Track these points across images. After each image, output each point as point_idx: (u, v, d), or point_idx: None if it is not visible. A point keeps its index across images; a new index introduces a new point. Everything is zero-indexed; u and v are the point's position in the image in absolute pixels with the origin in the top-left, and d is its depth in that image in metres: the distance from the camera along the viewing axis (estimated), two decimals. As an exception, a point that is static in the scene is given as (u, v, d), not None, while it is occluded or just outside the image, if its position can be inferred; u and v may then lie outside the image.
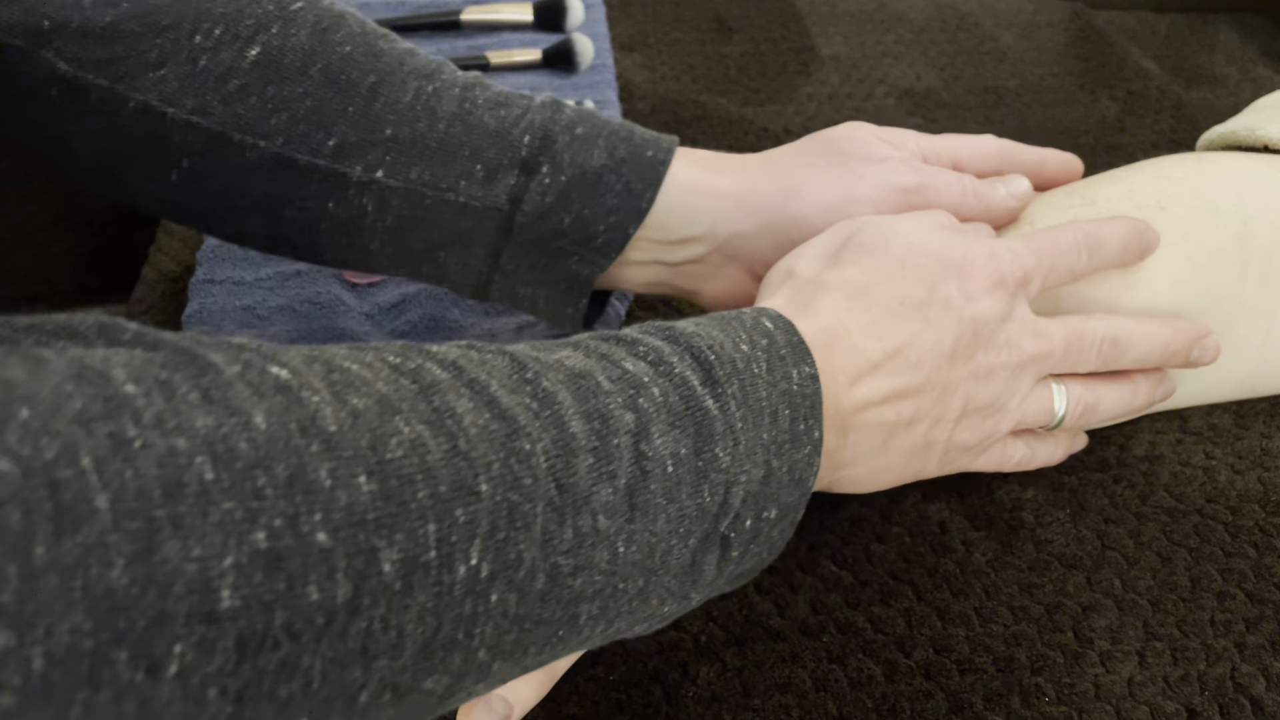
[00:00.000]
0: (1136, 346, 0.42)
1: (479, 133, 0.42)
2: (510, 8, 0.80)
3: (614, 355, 0.32)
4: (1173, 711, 0.38)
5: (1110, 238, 0.42)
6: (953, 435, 0.40)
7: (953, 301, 0.38)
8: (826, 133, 0.46)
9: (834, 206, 0.43)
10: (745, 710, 0.38)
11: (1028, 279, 0.40)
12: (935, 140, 0.46)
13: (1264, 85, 0.79)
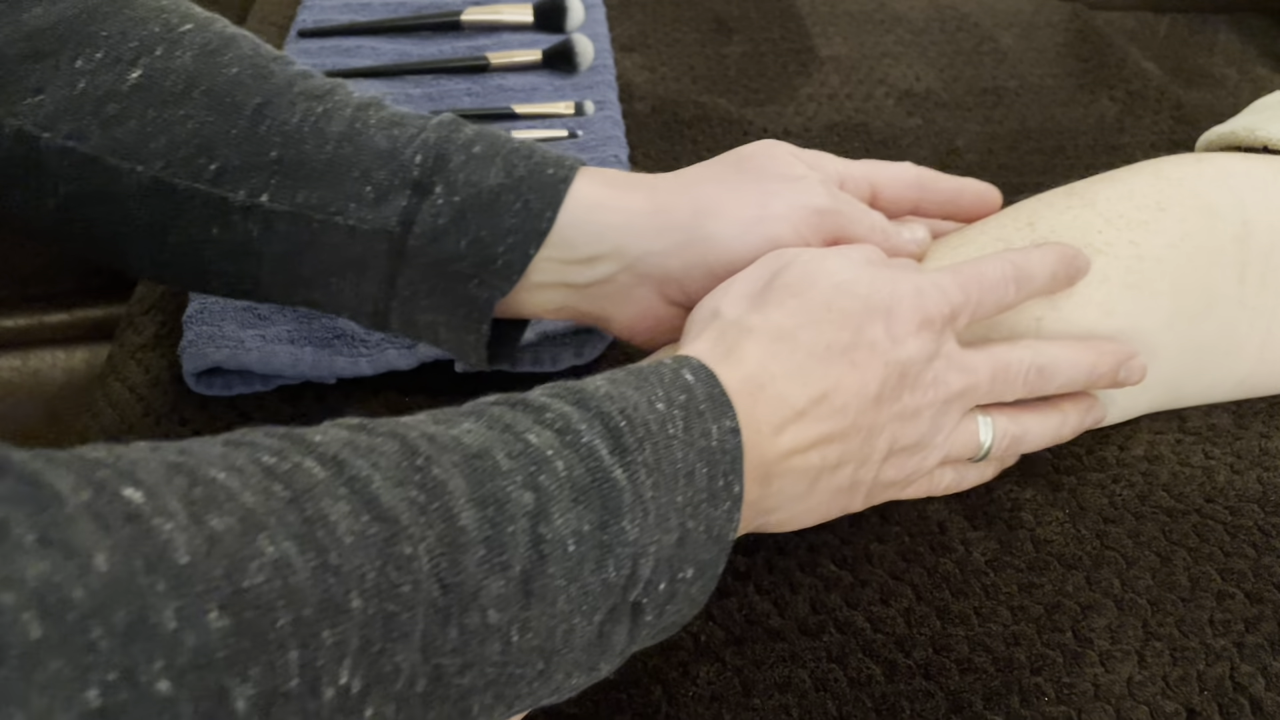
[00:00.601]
0: (1062, 372, 0.42)
1: (369, 153, 0.40)
2: (510, 8, 0.80)
3: (518, 426, 0.30)
4: (1172, 711, 0.38)
5: (1038, 268, 0.42)
6: (879, 474, 0.40)
7: (879, 345, 0.38)
8: (742, 150, 0.45)
9: (748, 225, 0.42)
10: (745, 710, 0.38)
11: (954, 315, 0.40)
12: (853, 165, 0.46)
13: (1263, 86, 0.79)
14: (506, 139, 0.42)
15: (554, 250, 0.41)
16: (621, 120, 0.70)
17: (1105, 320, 0.43)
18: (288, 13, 0.85)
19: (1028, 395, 0.42)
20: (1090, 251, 0.44)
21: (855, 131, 0.72)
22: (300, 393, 0.51)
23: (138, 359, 0.53)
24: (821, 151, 0.45)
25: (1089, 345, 0.43)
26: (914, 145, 0.71)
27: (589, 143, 0.67)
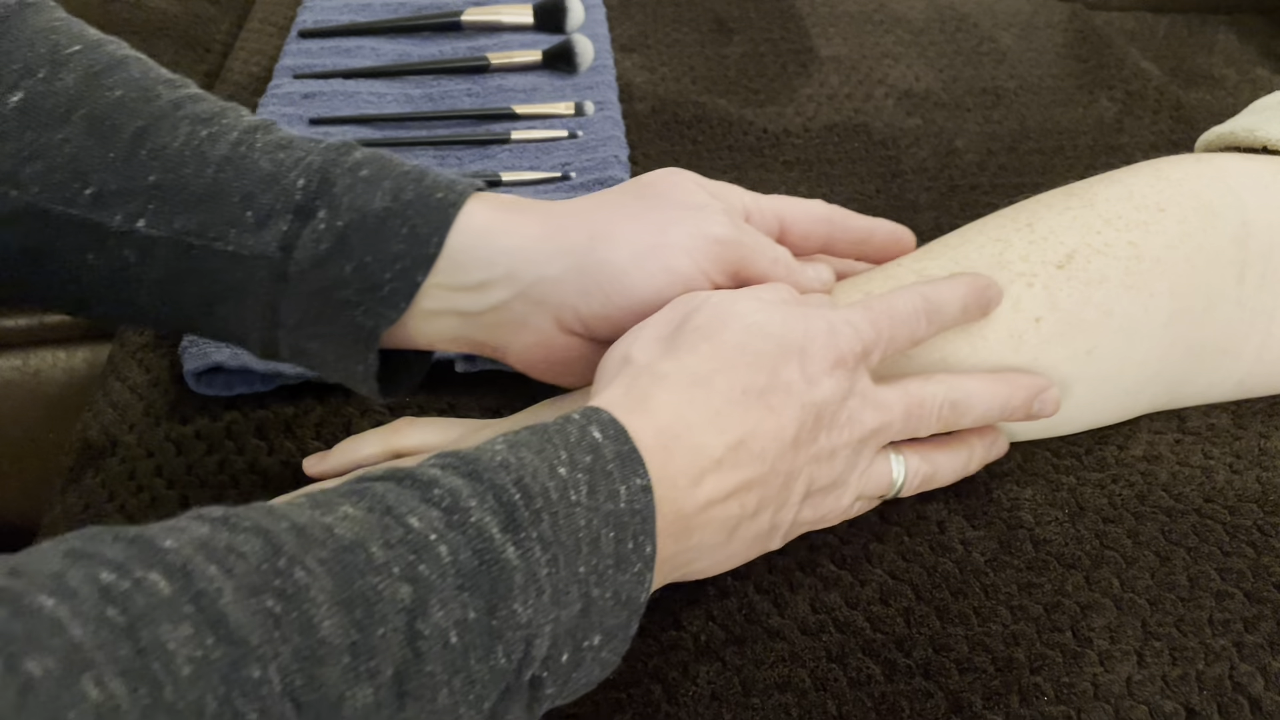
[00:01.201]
0: (976, 407, 0.42)
1: (251, 177, 0.39)
2: (510, 9, 0.80)
3: (400, 507, 0.29)
4: (1171, 711, 0.38)
5: (949, 300, 0.41)
6: (797, 517, 0.39)
7: (794, 387, 0.37)
8: (644, 177, 0.43)
9: (644, 251, 0.40)
10: (745, 709, 0.38)
11: (868, 352, 0.39)
12: (762, 199, 0.45)
13: (1263, 86, 0.79)
14: (399, 164, 0.41)
15: (443, 276, 0.39)
16: (621, 120, 0.70)
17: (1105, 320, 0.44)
18: (288, 13, 0.85)
19: (941, 430, 0.42)
20: (1089, 252, 0.44)
21: (855, 132, 0.72)
22: (300, 392, 0.51)
23: (138, 359, 0.54)
24: (729, 184, 0.44)
25: (1002, 378, 0.42)
26: (913, 145, 0.71)
27: (589, 143, 0.67)
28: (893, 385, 0.40)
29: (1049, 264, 0.44)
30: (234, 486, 0.47)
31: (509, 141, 0.67)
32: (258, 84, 0.76)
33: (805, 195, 0.65)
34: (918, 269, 0.45)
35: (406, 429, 0.46)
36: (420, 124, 0.70)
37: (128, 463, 0.48)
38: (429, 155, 0.67)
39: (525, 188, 0.63)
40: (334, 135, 0.68)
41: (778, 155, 0.70)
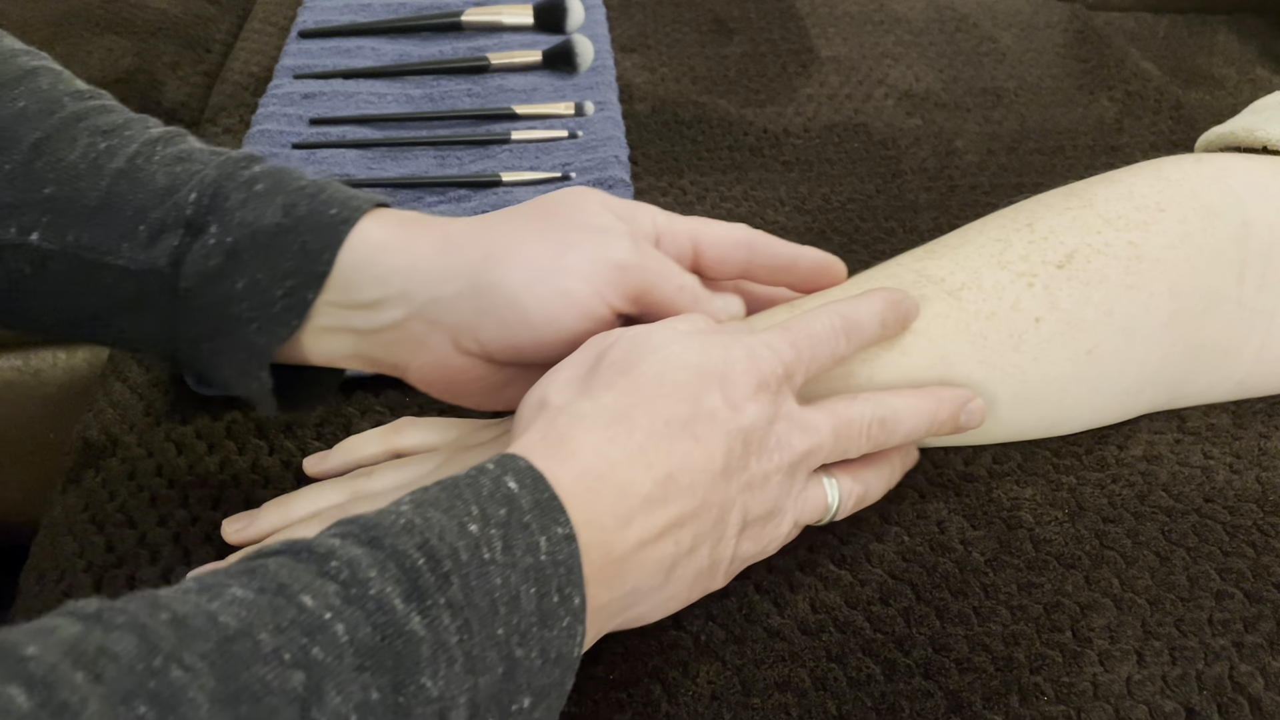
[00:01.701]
0: (905, 423, 0.41)
1: (146, 191, 0.38)
2: (511, 9, 0.80)
3: (294, 585, 0.27)
4: (1171, 710, 0.38)
5: (866, 316, 0.41)
6: (736, 551, 0.38)
7: (719, 414, 0.36)
8: (549, 196, 0.42)
9: (539, 274, 0.39)
10: (745, 709, 0.38)
11: (789, 374, 0.38)
12: (677, 221, 0.43)
13: (1262, 86, 0.79)
14: (298, 178, 0.40)
15: (336, 294, 0.39)
16: (621, 121, 0.70)
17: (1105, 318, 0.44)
18: (288, 13, 0.85)
19: (872, 450, 0.41)
20: (1090, 252, 0.44)
21: (855, 132, 0.72)
22: (301, 393, 0.51)
23: (139, 359, 0.54)
24: (642, 204, 0.43)
25: (928, 393, 0.42)
26: (913, 146, 0.71)
27: (589, 143, 0.67)
28: (819, 407, 0.39)
29: (1049, 264, 0.44)
30: (234, 486, 0.47)
31: (509, 141, 0.67)
32: (258, 84, 0.76)
33: (805, 195, 0.66)
34: (918, 269, 0.45)
35: (406, 429, 0.46)
36: (420, 124, 0.70)
37: (128, 462, 0.48)
38: (429, 155, 0.67)
39: (525, 188, 0.63)
40: (334, 135, 0.68)
41: (778, 155, 0.70)
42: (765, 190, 0.66)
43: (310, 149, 0.66)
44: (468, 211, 0.61)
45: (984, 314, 0.43)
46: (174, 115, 0.87)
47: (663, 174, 0.67)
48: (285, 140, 0.67)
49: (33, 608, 0.43)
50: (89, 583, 0.43)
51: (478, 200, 0.62)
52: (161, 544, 0.44)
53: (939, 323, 0.43)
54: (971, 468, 0.47)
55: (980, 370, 0.43)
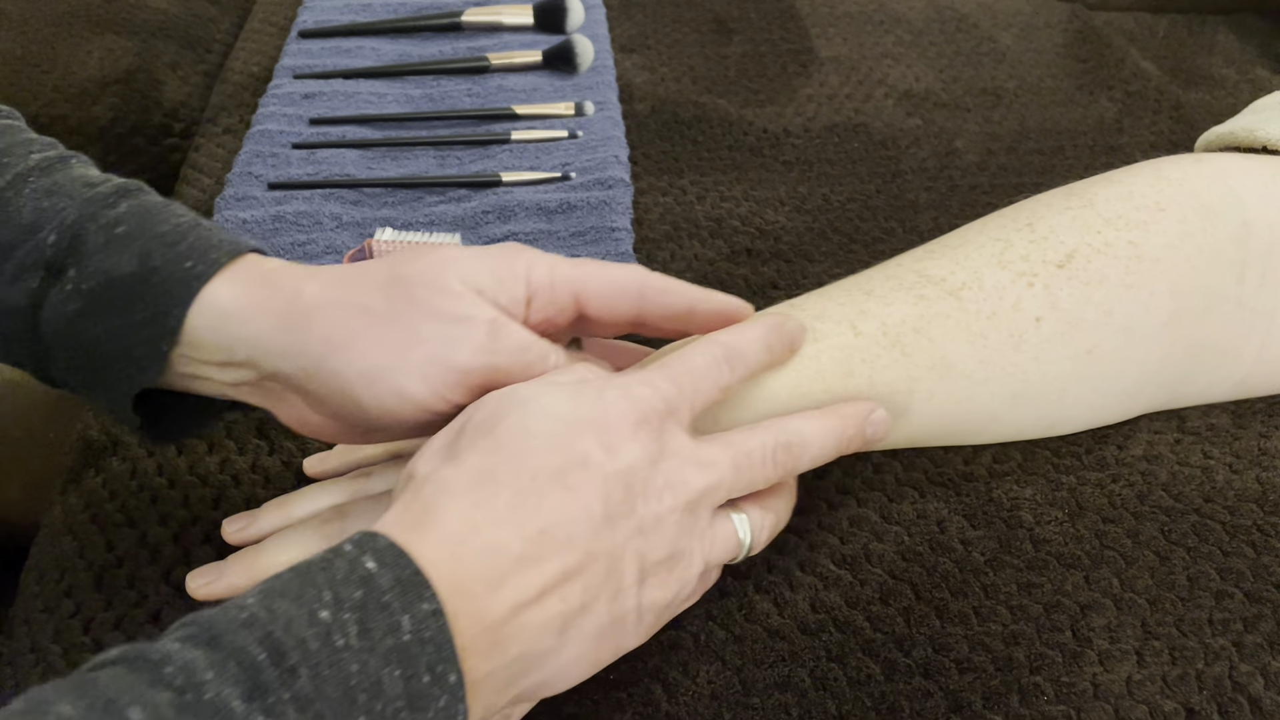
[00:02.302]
0: (811, 444, 0.40)
1: (12, 226, 0.37)
2: (511, 9, 0.80)
3: (123, 699, 0.25)
4: (1171, 710, 0.38)
5: (749, 345, 0.40)
6: (642, 601, 0.35)
7: (592, 459, 0.34)
8: (412, 267, 0.39)
9: (376, 372, 0.37)
10: (745, 708, 0.38)
11: (673, 410, 0.37)
12: (559, 271, 0.40)
13: (1262, 86, 0.79)
14: (161, 220, 0.39)
15: (189, 349, 0.38)
16: (621, 121, 0.70)
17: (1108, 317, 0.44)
18: (288, 13, 0.85)
19: (783, 477, 0.39)
20: (1090, 251, 0.44)
21: (855, 132, 0.72)
22: (301, 393, 0.51)
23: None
24: (519, 255, 0.40)
25: (829, 411, 0.41)
26: (913, 146, 0.71)
27: (589, 143, 0.67)
28: (716, 440, 0.38)
29: (1049, 263, 0.44)
30: (235, 486, 0.47)
31: (509, 141, 0.67)
32: (258, 84, 0.76)
33: (805, 195, 0.66)
34: (918, 269, 0.45)
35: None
36: (420, 124, 0.70)
37: (128, 462, 0.48)
38: (429, 155, 0.67)
39: (525, 187, 0.63)
40: (334, 135, 0.68)
41: (778, 155, 0.70)
42: (765, 190, 0.66)
43: (310, 149, 0.66)
44: (468, 211, 0.61)
45: (985, 314, 0.43)
46: (174, 115, 0.87)
47: (663, 174, 0.67)
48: (285, 140, 0.67)
49: (33, 607, 0.43)
50: (89, 582, 0.43)
51: (478, 200, 0.62)
52: (162, 544, 0.44)
53: (940, 323, 0.43)
54: (971, 467, 0.47)
55: (980, 370, 0.43)
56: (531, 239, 0.58)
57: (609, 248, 0.57)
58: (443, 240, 0.56)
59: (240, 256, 0.38)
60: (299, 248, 0.58)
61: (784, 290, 0.58)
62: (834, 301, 0.45)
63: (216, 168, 0.67)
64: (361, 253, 0.56)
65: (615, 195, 0.61)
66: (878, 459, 0.47)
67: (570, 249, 0.57)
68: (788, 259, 0.60)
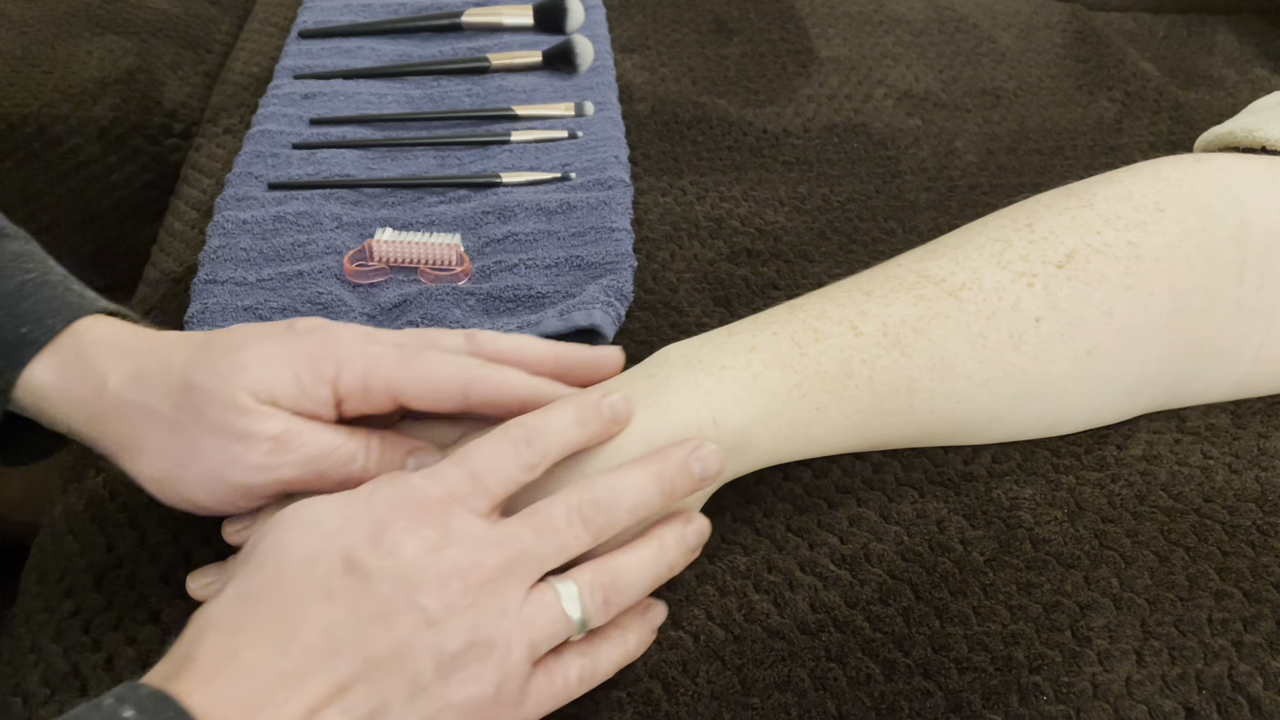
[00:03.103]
0: (625, 495, 0.38)
1: None
2: (511, 9, 0.80)
3: None
4: (1170, 710, 0.38)
5: (553, 422, 0.38)
6: (450, 698, 0.33)
7: (359, 561, 0.33)
8: (204, 373, 0.39)
9: (164, 481, 0.38)
10: (744, 708, 0.38)
11: (458, 496, 0.36)
12: (376, 374, 0.39)
13: (1262, 86, 0.79)
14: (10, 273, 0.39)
15: (25, 407, 0.40)
16: (621, 121, 0.70)
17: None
18: (289, 14, 0.85)
19: (601, 535, 0.37)
20: (1089, 251, 0.44)
21: (855, 132, 0.72)
22: (301, 393, 0.51)
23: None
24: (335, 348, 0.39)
25: (648, 456, 0.39)
26: (913, 146, 0.71)
27: (589, 143, 0.67)
28: (519, 515, 0.37)
29: (1049, 264, 0.44)
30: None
31: (509, 142, 0.67)
32: (258, 84, 0.76)
33: (805, 195, 0.66)
34: (918, 269, 0.45)
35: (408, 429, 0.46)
36: (420, 124, 0.70)
37: (128, 462, 0.48)
38: (429, 155, 0.67)
39: (525, 188, 0.63)
40: (334, 135, 0.68)
41: (778, 155, 0.70)
42: (765, 190, 0.66)
43: (310, 149, 0.66)
44: (468, 212, 0.61)
45: (984, 314, 0.44)
46: (174, 115, 0.87)
47: (663, 174, 0.67)
48: (285, 140, 0.67)
49: (33, 607, 0.43)
50: (89, 583, 0.43)
51: (478, 200, 0.62)
52: (162, 544, 0.44)
53: (939, 323, 0.43)
54: (971, 467, 0.47)
55: (980, 370, 0.44)
56: (532, 239, 0.58)
57: (609, 248, 0.57)
58: (443, 240, 0.56)
59: (75, 322, 0.39)
60: (299, 248, 0.58)
61: (784, 290, 0.58)
62: (834, 302, 0.45)
63: (217, 168, 0.67)
64: (362, 253, 0.57)
65: (615, 195, 0.62)
66: (877, 459, 0.47)
67: (570, 249, 0.57)
68: (788, 259, 0.60)
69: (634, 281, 0.56)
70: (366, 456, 0.40)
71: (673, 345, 0.44)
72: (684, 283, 0.58)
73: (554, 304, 0.53)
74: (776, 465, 0.45)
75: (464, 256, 0.56)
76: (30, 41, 0.87)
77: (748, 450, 0.42)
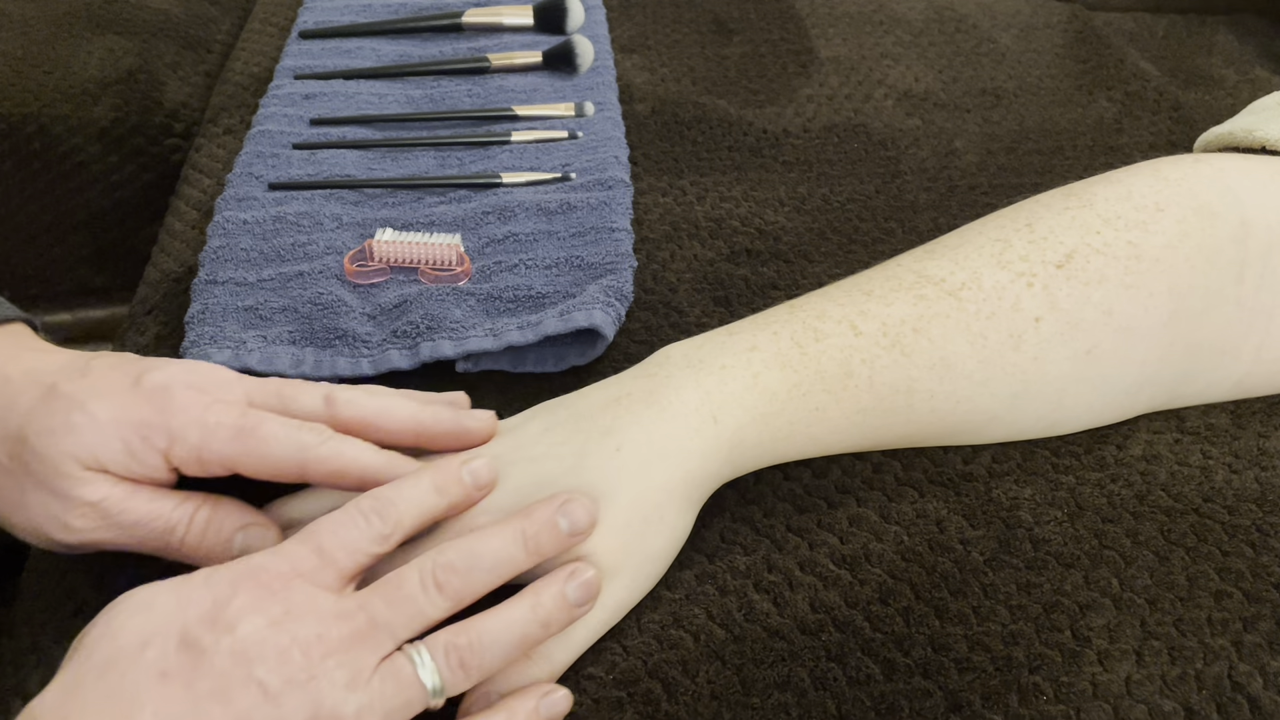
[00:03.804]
0: (484, 557, 0.37)
1: None
2: (511, 10, 0.80)
3: None
4: (1170, 710, 0.38)
5: (407, 492, 0.38)
6: None
7: (193, 639, 0.33)
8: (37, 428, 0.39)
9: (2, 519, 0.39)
10: (744, 708, 0.38)
11: (303, 571, 0.35)
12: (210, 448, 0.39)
13: (1261, 86, 0.79)
14: None
15: None
16: (621, 121, 0.70)
17: None
18: (289, 14, 0.85)
19: (461, 598, 0.36)
20: (1089, 251, 0.44)
21: (855, 132, 0.72)
22: (301, 393, 0.51)
23: (139, 359, 0.54)
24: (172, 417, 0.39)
25: (515, 515, 0.38)
26: (913, 146, 0.71)
27: (589, 143, 0.67)
28: (371, 585, 0.36)
29: (1049, 264, 0.44)
30: (235, 486, 0.47)
31: (509, 142, 0.67)
32: (258, 85, 0.76)
33: (805, 195, 0.66)
34: (918, 269, 0.45)
35: None
36: (421, 125, 0.70)
37: (129, 462, 0.48)
38: (429, 156, 0.67)
39: (526, 188, 0.63)
40: (334, 135, 0.68)
41: (778, 155, 0.70)
42: (765, 190, 0.66)
43: (311, 149, 0.66)
44: (468, 212, 0.61)
45: (984, 314, 0.44)
46: (175, 115, 0.87)
47: (663, 174, 0.67)
48: (286, 140, 0.67)
49: (33, 607, 0.44)
50: (89, 582, 0.43)
51: (478, 200, 0.62)
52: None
53: (939, 323, 0.43)
54: (971, 467, 0.47)
55: (980, 370, 0.44)
56: (532, 239, 0.58)
57: (609, 248, 0.57)
58: (443, 240, 0.56)
59: None
60: (300, 248, 0.58)
61: (784, 290, 0.58)
62: (834, 302, 0.45)
63: (217, 168, 0.67)
64: (362, 253, 0.57)
65: (615, 196, 0.62)
66: (877, 459, 0.47)
67: (570, 249, 0.57)
68: (787, 259, 0.60)
69: (634, 281, 0.56)
70: (188, 529, 0.40)
71: (673, 344, 0.44)
72: (684, 283, 0.58)
73: (554, 304, 0.53)
74: (776, 465, 0.45)
75: (464, 257, 0.56)
76: (30, 41, 0.87)
77: (748, 449, 0.42)
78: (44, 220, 0.86)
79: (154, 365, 0.41)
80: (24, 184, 0.85)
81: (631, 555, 0.40)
